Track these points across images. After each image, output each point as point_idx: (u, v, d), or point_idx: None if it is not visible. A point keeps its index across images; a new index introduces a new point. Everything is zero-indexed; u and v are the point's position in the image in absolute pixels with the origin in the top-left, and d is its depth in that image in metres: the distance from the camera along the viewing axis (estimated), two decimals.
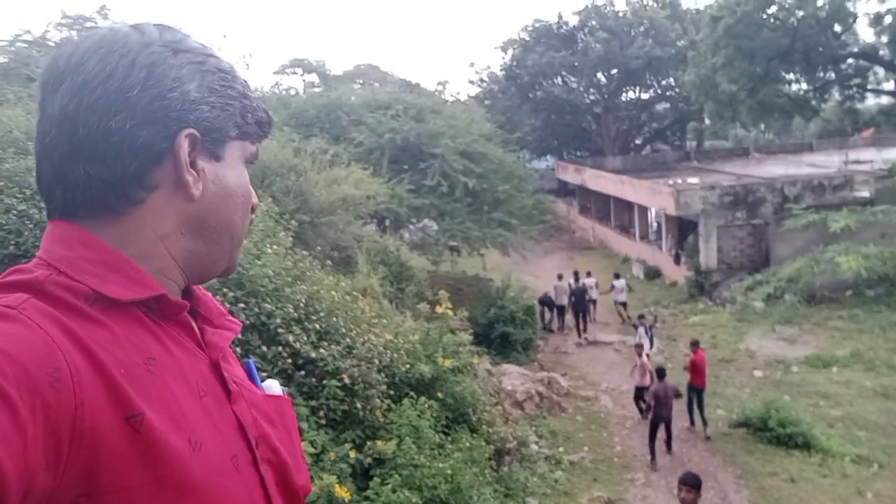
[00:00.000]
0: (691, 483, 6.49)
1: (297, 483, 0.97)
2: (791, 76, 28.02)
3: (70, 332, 0.76)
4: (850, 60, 27.19)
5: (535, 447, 10.76)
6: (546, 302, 19.30)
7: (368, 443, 5.91)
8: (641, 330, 14.60)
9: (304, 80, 29.30)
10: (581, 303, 18.29)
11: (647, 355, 13.12)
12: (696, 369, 11.90)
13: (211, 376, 0.91)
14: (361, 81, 28.62)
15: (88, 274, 0.82)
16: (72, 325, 0.77)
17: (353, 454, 5.60)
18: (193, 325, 0.94)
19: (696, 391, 11.91)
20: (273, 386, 1.05)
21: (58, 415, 0.70)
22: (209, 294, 1.04)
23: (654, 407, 10.90)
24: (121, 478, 0.74)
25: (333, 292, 6.73)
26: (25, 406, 0.68)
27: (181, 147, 0.86)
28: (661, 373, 11.20)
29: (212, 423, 0.86)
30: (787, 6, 24.59)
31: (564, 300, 18.92)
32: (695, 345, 12.52)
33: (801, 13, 24.52)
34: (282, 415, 1.00)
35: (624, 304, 19.74)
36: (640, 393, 12.41)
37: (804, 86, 28.81)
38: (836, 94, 29.20)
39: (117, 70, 0.83)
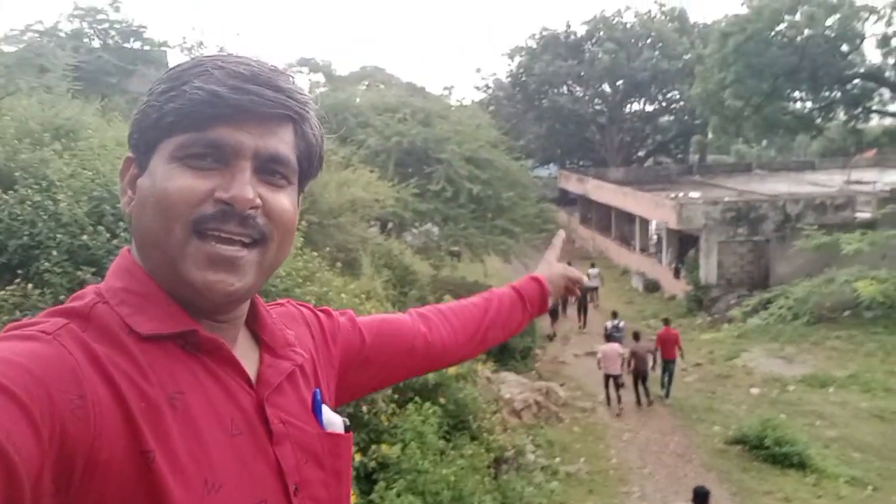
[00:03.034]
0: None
1: None
2: (797, 94, 28.16)
3: (98, 361, 0.77)
4: (856, 81, 27.33)
5: (531, 457, 10.76)
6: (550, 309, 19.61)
7: (373, 446, 5.93)
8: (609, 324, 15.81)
9: (309, 80, 29.28)
10: (583, 297, 20.19)
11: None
12: (664, 343, 13.85)
13: (253, 414, 0.88)
14: (367, 83, 28.62)
15: (126, 305, 0.84)
16: (102, 355, 0.77)
17: (357, 457, 5.61)
18: (238, 359, 0.90)
19: (665, 363, 13.87)
20: (334, 421, 1.00)
21: (75, 442, 0.71)
22: (279, 323, 1.02)
23: (634, 363, 13.31)
24: None
25: (343, 294, 6.75)
26: (46, 429, 0.68)
27: (120, 174, 0.92)
28: (636, 336, 13.92)
29: (241, 463, 0.84)
30: (795, 24, 24.72)
31: None
32: (666, 322, 14.78)
33: (809, 32, 24.66)
34: (335, 456, 0.97)
35: (595, 289, 22.01)
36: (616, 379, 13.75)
37: (809, 104, 28.98)
38: (841, 114, 29.35)
39: None
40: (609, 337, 14.88)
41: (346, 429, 1.02)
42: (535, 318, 1.58)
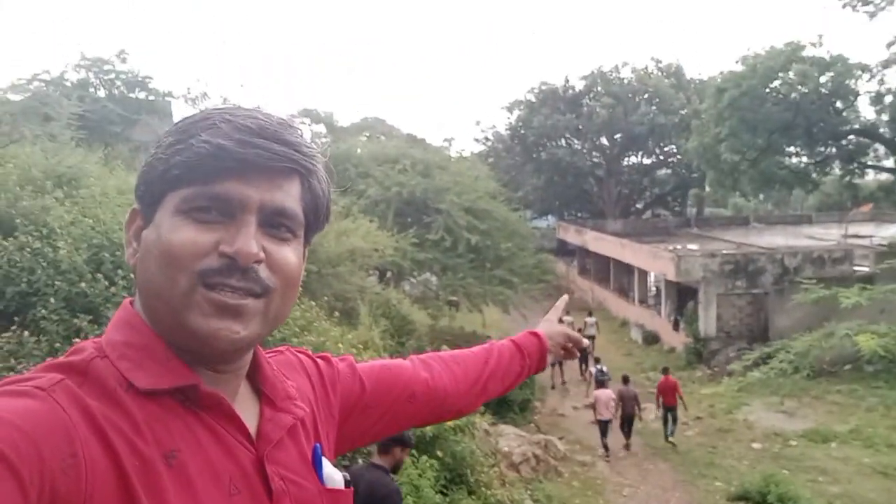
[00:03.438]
0: None
1: None
2: (792, 149, 28.46)
3: (93, 419, 0.76)
4: (851, 137, 27.64)
5: None
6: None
7: None
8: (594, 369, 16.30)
9: (311, 130, 29.64)
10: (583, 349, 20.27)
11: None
12: (664, 392, 14.31)
13: (252, 472, 0.87)
14: (368, 134, 28.99)
15: (126, 360, 0.83)
16: (97, 411, 0.76)
17: None
18: (238, 414, 0.89)
19: (667, 409, 14.30)
20: (335, 477, 0.99)
21: (65, 503, 0.69)
22: (279, 375, 1.01)
23: (621, 405, 13.91)
24: None
25: (340, 344, 6.71)
26: (34, 488, 0.67)
27: (126, 225, 0.91)
28: (625, 379, 14.51)
29: None
30: (789, 81, 25.13)
31: None
32: (665, 371, 15.14)
33: (803, 89, 25.05)
34: None
35: (592, 338, 21.25)
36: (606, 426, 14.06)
37: (805, 159, 29.26)
38: (836, 169, 29.63)
39: None
40: (601, 382, 15.22)
41: (347, 484, 1.00)
42: (533, 374, 1.55)
